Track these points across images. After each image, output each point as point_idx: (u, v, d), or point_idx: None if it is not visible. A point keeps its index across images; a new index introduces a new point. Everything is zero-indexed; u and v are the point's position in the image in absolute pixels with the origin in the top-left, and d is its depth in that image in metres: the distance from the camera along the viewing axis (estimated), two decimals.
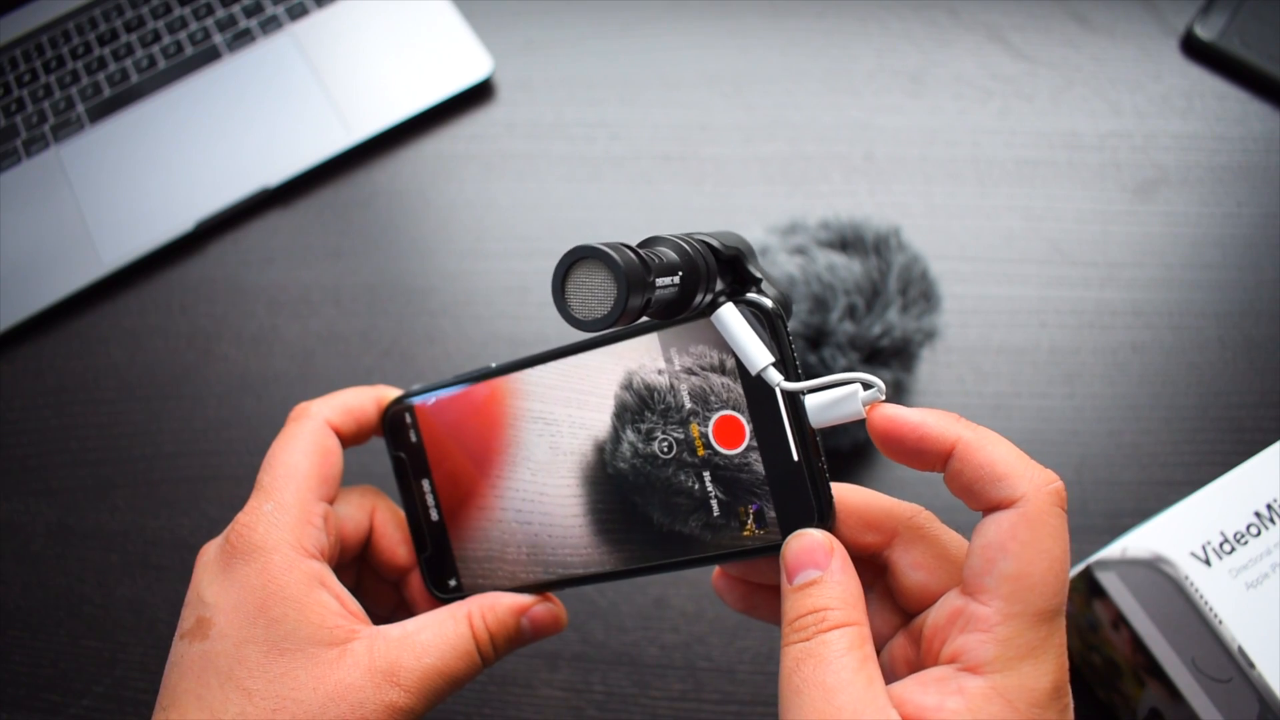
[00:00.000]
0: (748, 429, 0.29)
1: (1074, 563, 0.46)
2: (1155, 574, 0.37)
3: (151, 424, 0.55)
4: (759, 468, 0.29)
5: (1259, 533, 0.37)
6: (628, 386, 0.31)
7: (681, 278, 0.26)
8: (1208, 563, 0.36)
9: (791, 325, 0.45)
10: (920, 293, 0.48)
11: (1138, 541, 0.37)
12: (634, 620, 0.49)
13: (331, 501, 0.34)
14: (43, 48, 0.67)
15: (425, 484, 0.35)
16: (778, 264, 0.47)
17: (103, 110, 0.64)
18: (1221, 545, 0.36)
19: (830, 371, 0.45)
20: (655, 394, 0.30)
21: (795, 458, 0.28)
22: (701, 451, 0.30)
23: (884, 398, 0.27)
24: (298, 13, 0.65)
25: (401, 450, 0.36)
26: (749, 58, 0.63)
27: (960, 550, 0.28)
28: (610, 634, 0.48)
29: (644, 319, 0.26)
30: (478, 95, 0.63)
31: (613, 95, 0.62)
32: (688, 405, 0.30)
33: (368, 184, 0.61)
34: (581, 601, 0.49)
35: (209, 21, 0.66)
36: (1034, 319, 0.54)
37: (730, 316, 0.28)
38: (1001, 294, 0.55)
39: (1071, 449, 0.51)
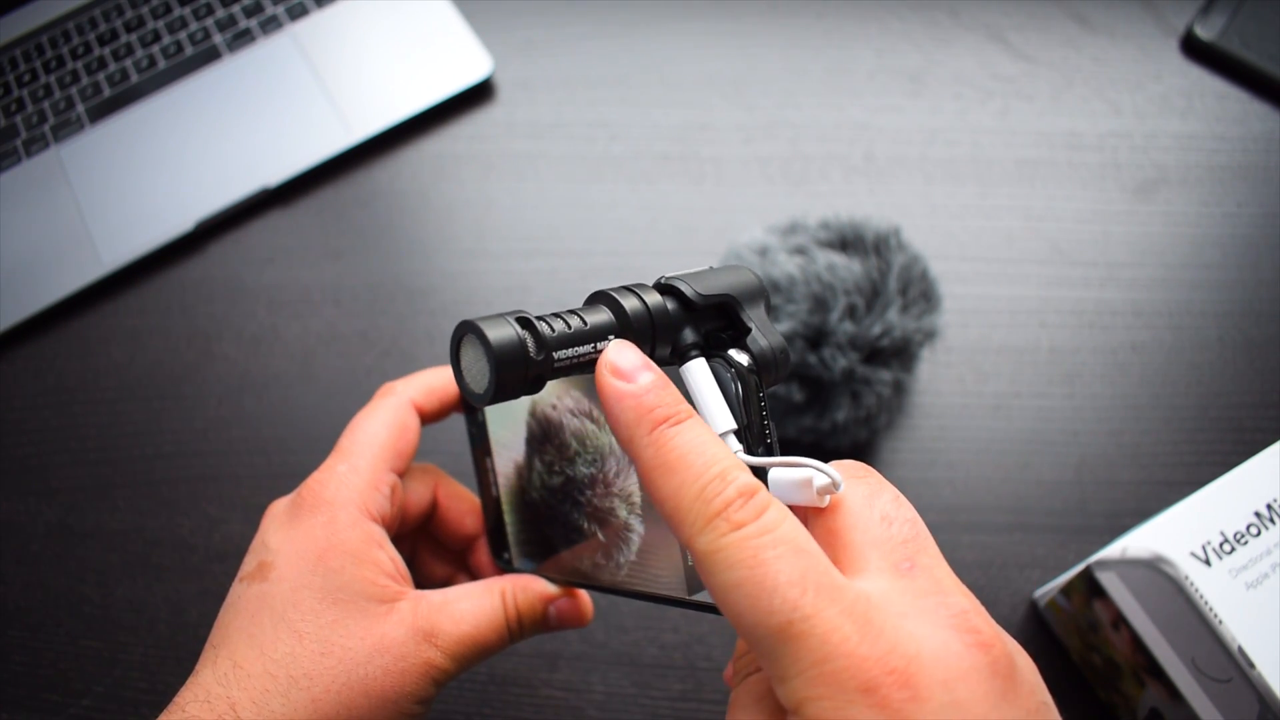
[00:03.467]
0: None
1: (1074, 563, 0.46)
2: (1155, 574, 0.37)
3: (151, 424, 0.55)
4: None
5: (1259, 533, 0.37)
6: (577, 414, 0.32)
7: (612, 336, 0.25)
8: (1208, 563, 0.36)
9: (791, 325, 0.45)
10: (920, 293, 0.48)
11: (1138, 541, 0.37)
12: (634, 620, 0.49)
13: (401, 475, 0.36)
14: (43, 48, 0.67)
15: (488, 461, 0.37)
16: (778, 264, 0.47)
17: (103, 110, 0.64)
18: (1221, 545, 0.36)
19: (830, 372, 0.45)
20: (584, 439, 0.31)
21: None
22: None
23: (839, 490, 0.24)
24: (298, 13, 0.65)
25: (474, 426, 0.37)
26: (749, 58, 0.63)
27: None
28: (610, 634, 0.48)
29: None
30: (478, 95, 0.63)
31: (613, 95, 0.62)
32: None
33: (368, 184, 0.61)
34: None
35: (209, 21, 0.66)
36: (1034, 319, 0.54)
37: (696, 374, 0.26)
38: (1001, 294, 0.55)
39: (1071, 449, 0.51)
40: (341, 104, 0.62)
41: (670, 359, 0.27)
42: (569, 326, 0.25)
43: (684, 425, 0.24)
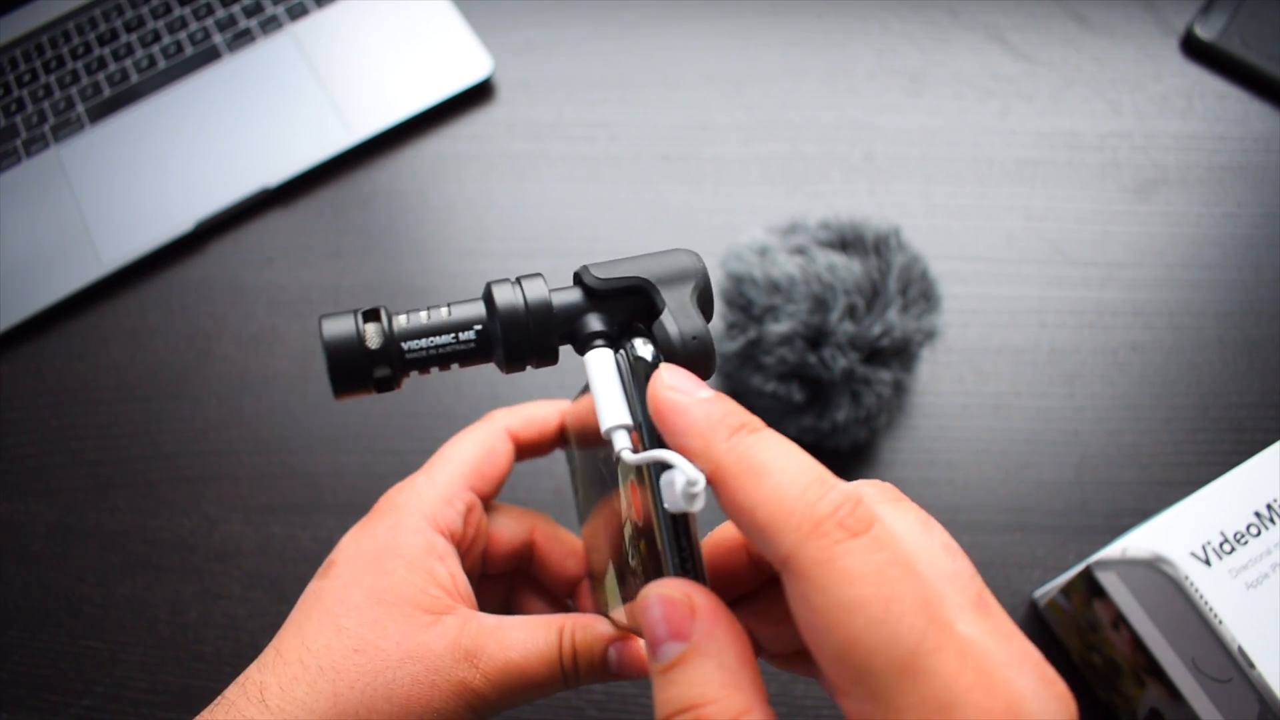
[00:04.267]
0: (646, 500, 0.24)
1: (1074, 563, 0.46)
2: (1155, 574, 0.37)
3: (151, 424, 0.55)
4: (656, 544, 0.24)
5: (1259, 533, 0.37)
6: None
7: (479, 332, 0.25)
8: (1208, 563, 0.36)
9: (791, 326, 0.45)
10: (920, 293, 0.48)
11: (1138, 541, 0.37)
12: None
13: (486, 498, 0.36)
14: (43, 48, 0.67)
15: (578, 496, 0.35)
16: (778, 264, 0.47)
17: (103, 110, 0.64)
18: (1221, 545, 0.36)
19: (830, 372, 0.45)
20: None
21: (659, 545, 0.23)
22: (635, 515, 0.26)
23: (697, 492, 0.22)
24: (298, 13, 0.65)
25: (570, 461, 0.36)
26: (749, 58, 0.63)
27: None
28: None
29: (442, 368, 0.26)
30: (478, 95, 0.63)
31: (613, 95, 0.62)
32: (615, 470, 0.27)
33: (368, 184, 0.61)
34: None
35: (209, 21, 0.66)
36: (1034, 319, 0.54)
37: (592, 365, 0.25)
38: (1001, 294, 0.55)
39: (1071, 449, 0.51)
40: (341, 104, 0.62)
41: (577, 349, 0.26)
42: (428, 319, 0.25)
43: (764, 431, 0.22)
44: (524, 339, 0.26)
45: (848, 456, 0.51)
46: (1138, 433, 0.51)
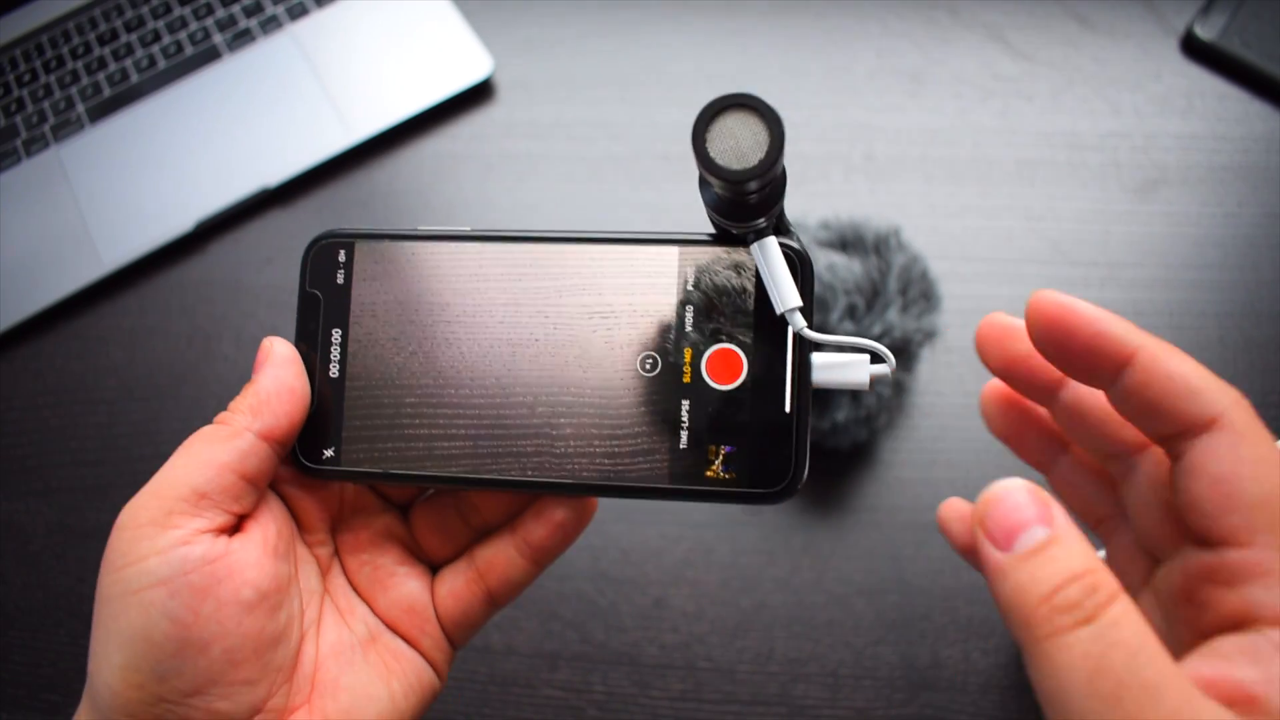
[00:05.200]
0: (745, 368, 0.28)
1: None
2: None
3: (151, 424, 0.55)
4: (745, 412, 0.27)
5: None
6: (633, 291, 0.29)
7: (782, 186, 0.26)
8: None
9: None
10: (920, 293, 0.48)
11: None
12: (634, 620, 0.48)
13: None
14: (43, 48, 0.67)
15: (336, 333, 0.30)
16: None
17: (103, 110, 0.64)
18: None
19: None
20: (664, 307, 0.28)
21: (787, 409, 0.27)
22: (688, 378, 0.28)
23: (890, 375, 0.26)
24: (298, 13, 0.65)
25: (319, 289, 0.31)
26: (749, 58, 0.63)
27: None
28: (610, 634, 0.48)
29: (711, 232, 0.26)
30: (478, 95, 0.63)
31: (613, 95, 0.62)
32: (689, 328, 0.28)
33: (367, 184, 0.61)
34: (581, 601, 0.49)
35: (209, 21, 0.66)
36: None
37: (774, 250, 0.27)
38: (1001, 294, 0.55)
39: None
40: (341, 104, 0.62)
41: (749, 232, 0.27)
42: None
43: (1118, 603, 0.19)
44: (779, 199, 0.26)
45: (848, 456, 0.51)
46: None
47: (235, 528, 0.28)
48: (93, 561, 0.53)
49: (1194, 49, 0.60)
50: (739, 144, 0.24)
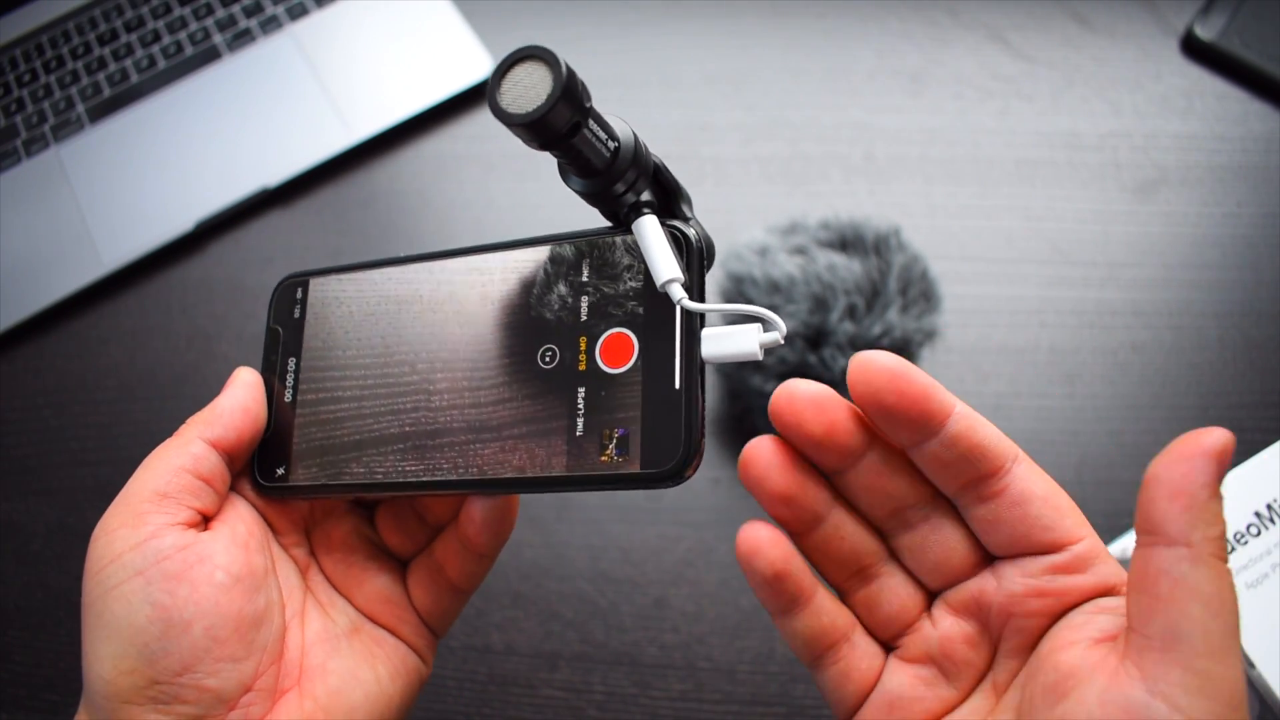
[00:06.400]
0: (636, 349, 0.28)
1: None
2: None
3: (151, 424, 0.55)
4: (636, 393, 0.27)
5: (1259, 533, 0.37)
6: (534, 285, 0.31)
7: (617, 148, 0.26)
8: None
9: (791, 325, 0.45)
10: (920, 293, 0.48)
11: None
12: (634, 620, 0.49)
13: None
14: (43, 48, 0.67)
15: (291, 362, 0.33)
16: (778, 264, 0.47)
17: (103, 110, 0.64)
18: None
19: (831, 372, 0.45)
20: (557, 300, 0.30)
21: (676, 385, 0.27)
22: (583, 366, 0.28)
23: (782, 340, 0.26)
24: (298, 13, 0.65)
25: (280, 324, 0.34)
26: (749, 58, 0.63)
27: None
28: (610, 634, 0.48)
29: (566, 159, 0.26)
30: (478, 95, 0.63)
31: (613, 95, 0.62)
32: (583, 317, 0.29)
33: (368, 184, 0.61)
34: (582, 601, 0.49)
35: (209, 21, 0.66)
36: (1034, 319, 0.54)
37: (651, 226, 0.27)
38: (1001, 294, 0.55)
39: (1071, 449, 0.51)
40: (341, 104, 0.62)
41: (621, 213, 0.28)
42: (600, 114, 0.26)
43: None
44: (629, 171, 0.27)
45: None
46: (1138, 433, 0.51)
47: (204, 526, 0.30)
48: None
49: (1194, 49, 0.60)
50: (527, 91, 0.25)
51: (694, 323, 0.27)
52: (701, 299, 0.27)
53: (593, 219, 0.31)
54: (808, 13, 0.64)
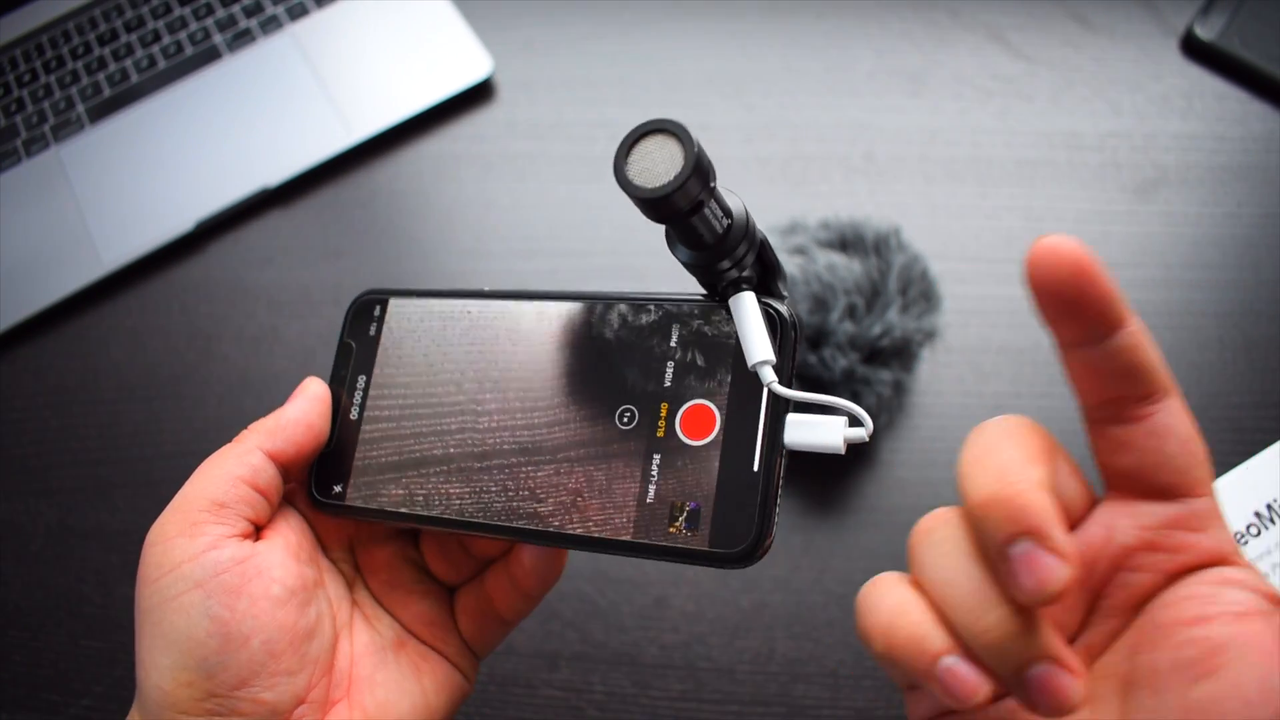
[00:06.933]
0: (718, 425, 0.27)
1: None
2: None
3: (151, 424, 0.55)
4: (713, 468, 0.27)
5: (1259, 533, 0.37)
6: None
7: (730, 225, 0.26)
8: None
9: None
10: (920, 293, 0.48)
11: None
12: (634, 620, 0.49)
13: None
14: (43, 48, 0.67)
15: (361, 379, 0.33)
16: None
17: (103, 110, 0.64)
18: None
19: (830, 372, 0.45)
20: (643, 361, 0.29)
21: (755, 468, 0.26)
22: (661, 433, 0.28)
23: (868, 439, 0.25)
24: (298, 13, 0.65)
25: (354, 339, 0.34)
26: (749, 58, 0.63)
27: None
28: (610, 634, 0.48)
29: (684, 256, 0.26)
30: (478, 95, 0.63)
31: (613, 95, 0.62)
32: (667, 383, 0.28)
33: (368, 184, 0.61)
34: (582, 601, 0.49)
35: (209, 21, 0.66)
36: (1034, 319, 0.54)
37: (750, 304, 0.27)
38: (1001, 294, 0.55)
39: (1072, 449, 0.51)
40: (341, 104, 0.62)
41: (723, 286, 0.28)
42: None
43: None
44: (741, 246, 0.26)
45: (848, 457, 0.51)
46: None
47: (256, 536, 0.30)
48: (93, 561, 0.54)
49: (1194, 49, 0.60)
50: (655, 165, 0.24)
51: (779, 407, 0.27)
52: (790, 383, 0.27)
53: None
54: (808, 13, 0.64)
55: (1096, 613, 0.24)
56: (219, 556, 0.28)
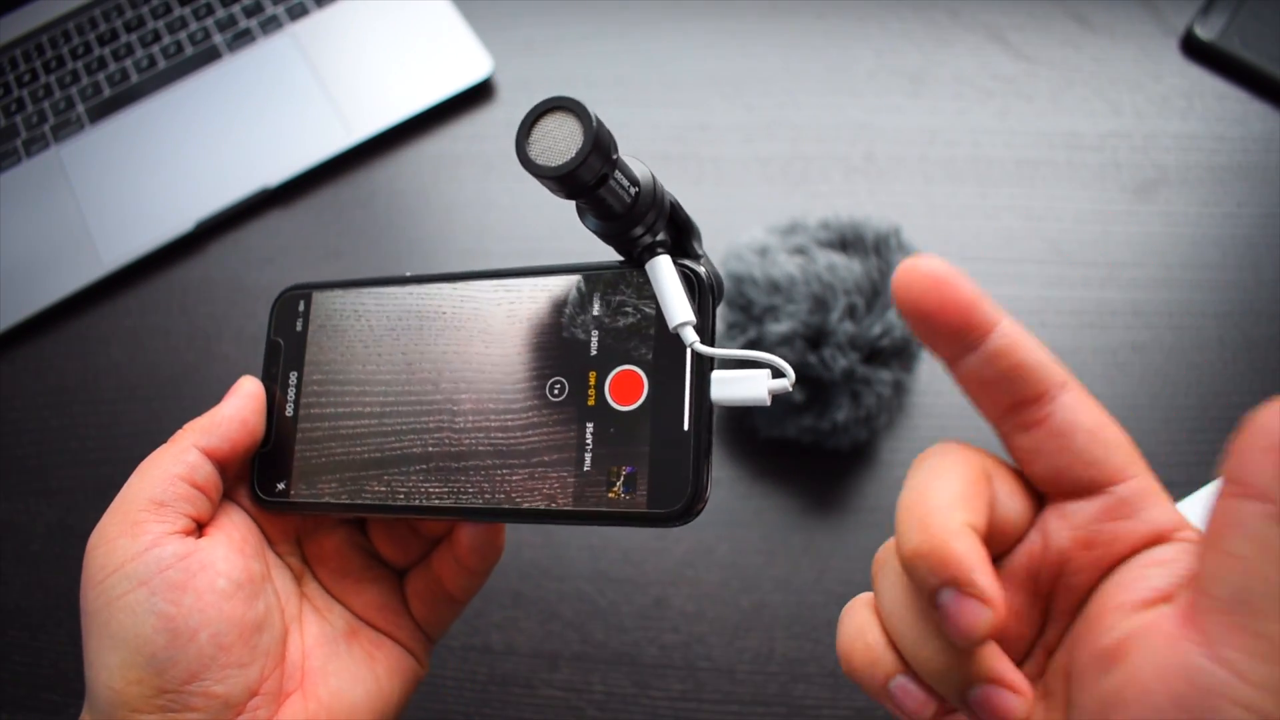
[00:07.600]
0: (646, 388, 0.28)
1: None
2: None
3: (151, 424, 0.55)
4: (645, 432, 0.27)
5: None
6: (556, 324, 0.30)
7: (638, 193, 0.26)
8: None
9: (791, 325, 0.45)
10: None
11: None
12: (634, 620, 0.49)
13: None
14: (43, 48, 0.67)
15: (293, 376, 0.33)
16: (778, 264, 0.47)
17: (103, 110, 0.64)
18: None
19: (830, 372, 0.45)
20: (567, 333, 0.29)
21: (685, 427, 0.27)
22: (592, 401, 0.28)
23: (790, 388, 0.26)
24: (298, 13, 0.65)
25: (281, 336, 0.34)
26: (749, 58, 0.63)
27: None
28: (610, 634, 0.48)
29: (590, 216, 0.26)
30: (478, 95, 0.63)
31: (613, 95, 0.62)
32: (594, 351, 0.29)
33: (368, 184, 0.61)
34: (582, 601, 0.49)
35: (209, 21, 0.66)
36: (1034, 319, 0.54)
37: (666, 267, 0.27)
38: (1001, 294, 0.55)
39: None
40: (341, 104, 0.62)
41: (636, 253, 0.28)
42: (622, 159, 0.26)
43: None
44: (650, 214, 0.27)
45: (848, 456, 0.51)
46: (1138, 433, 0.51)
47: (199, 533, 0.30)
48: None
49: (1194, 49, 0.60)
50: (556, 143, 0.24)
51: (704, 365, 0.27)
52: (712, 340, 0.27)
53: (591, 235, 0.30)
54: (808, 13, 0.64)
55: (1050, 615, 0.24)
56: (162, 553, 0.28)
